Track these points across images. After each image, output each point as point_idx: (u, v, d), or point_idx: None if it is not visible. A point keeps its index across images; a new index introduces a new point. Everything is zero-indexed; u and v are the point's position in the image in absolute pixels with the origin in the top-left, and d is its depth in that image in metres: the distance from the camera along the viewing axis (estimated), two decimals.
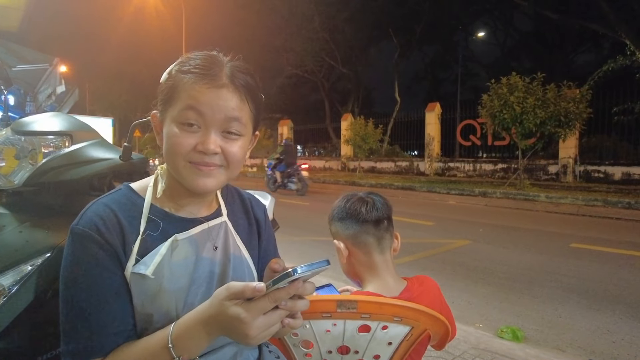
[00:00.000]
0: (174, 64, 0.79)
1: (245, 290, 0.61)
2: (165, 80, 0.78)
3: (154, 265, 0.73)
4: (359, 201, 1.15)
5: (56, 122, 1.14)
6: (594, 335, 2.88)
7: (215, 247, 0.82)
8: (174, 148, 0.73)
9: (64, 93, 9.12)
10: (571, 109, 9.80)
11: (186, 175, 0.74)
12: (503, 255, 4.95)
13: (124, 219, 0.75)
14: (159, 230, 0.77)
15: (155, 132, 0.81)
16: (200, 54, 0.78)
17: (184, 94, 0.73)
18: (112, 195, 0.79)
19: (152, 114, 0.81)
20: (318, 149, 24.85)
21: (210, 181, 0.76)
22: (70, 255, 0.72)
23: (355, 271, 1.18)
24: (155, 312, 0.73)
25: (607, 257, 4.85)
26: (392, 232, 1.17)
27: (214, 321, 0.65)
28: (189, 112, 0.73)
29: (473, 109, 13.24)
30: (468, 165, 15.03)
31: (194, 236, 0.80)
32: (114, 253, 0.72)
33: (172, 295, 0.74)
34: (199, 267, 0.78)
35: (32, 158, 1.10)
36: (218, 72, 0.75)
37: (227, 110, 0.74)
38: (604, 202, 8.87)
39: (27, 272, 0.97)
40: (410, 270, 4.20)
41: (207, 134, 0.73)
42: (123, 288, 0.72)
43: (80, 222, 0.73)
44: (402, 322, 0.99)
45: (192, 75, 0.74)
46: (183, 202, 0.82)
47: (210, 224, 0.83)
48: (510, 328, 2.75)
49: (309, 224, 6.94)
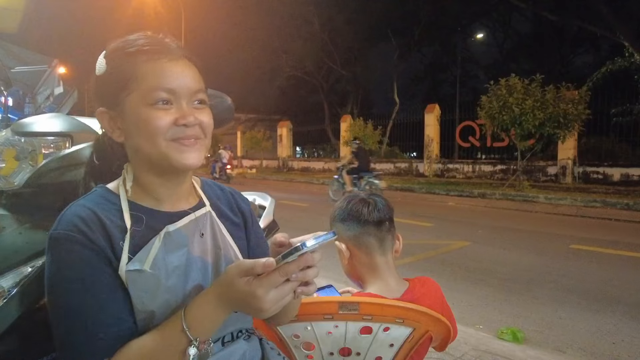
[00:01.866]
0: (103, 54, 0.75)
1: (255, 266, 0.62)
2: (106, 70, 0.73)
3: (149, 260, 0.71)
4: (361, 202, 1.14)
5: (56, 123, 1.14)
6: (594, 336, 2.88)
7: (202, 234, 0.80)
8: (154, 130, 0.70)
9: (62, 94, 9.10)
10: (570, 111, 9.82)
11: (171, 154, 0.72)
12: (502, 256, 4.95)
13: (105, 218, 0.71)
14: (144, 224, 0.74)
15: (109, 130, 0.76)
16: (138, 35, 0.75)
17: (147, 74, 0.71)
18: (88, 197, 0.76)
19: (100, 111, 0.75)
20: (317, 150, 24.88)
21: (195, 155, 0.74)
22: (56, 261, 0.68)
23: (356, 272, 1.18)
24: (156, 308, 0.71)
25: (606, 258, 4.85)
26: (394, 234, 1.17)
27: (227, 298, 0.65)
28: (159, 91, 0.70)
29: (472, 111, 13.25)
30: (467, 166, 15.04)
31: (184, 227, 0.77)
32: (100, 251, 0.69)
33: (171, 288, 0.72)
34: (192, 258, 0.77)
35: (32, 159, 1.10)
36: (168, 46, 0.74)
37: (192, 82, 0.74)
38: (603, 203, 8.88)
39: (27, 274, 0.96)
40: (410, 271, 4.19)
41: (182, 108, 0.72)
42: (117, 285, 0.69)
43: (59, 226, 0.70)
44: (404, 323, 0.99)
45: (146, 55, 0.72)
46: (160, 195, 0.78)
47: (197, 214, 0.81)
48: (510, 329, 2.75)
49: (310, 225, 6.93)
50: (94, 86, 0.76)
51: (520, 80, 10.19)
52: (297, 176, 17.68)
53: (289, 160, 22.19)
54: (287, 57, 23.79)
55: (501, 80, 10.39)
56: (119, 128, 0.75)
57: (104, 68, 0.74)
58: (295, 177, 17.20)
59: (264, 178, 18.30)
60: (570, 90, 10.18)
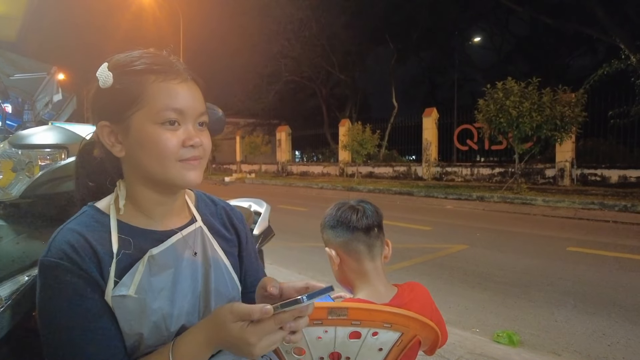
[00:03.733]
0: (108, 66, 0.74)
1: (252, 313, 0.63)
2: (112, 85, 0.72)
3: (134, 285, 0.71)
4: (350, 209, 1.17)
5: (52, 136, 1.17)
6: (589, 339, 2.89)
7: (195, 253, 0.81)
8: (163, 150, 0.71)
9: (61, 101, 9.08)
10: (567, 113, 9.86)
11: (177, 173, 0.73)
12: (500, 259, 4.97)
13: (95, 242, 0.71)
14: (132, 247, 0.74)
15: (109, 144, 0.75)
16: (144, 52, 0.76)
17: (158, 94, 0.72)
18: (78, 219, 0.75)
19: (102, 124, 0.75)
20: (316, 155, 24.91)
21: (198, 174, 0.75)
22: (46, 289, 0.69)
23: (346, 278, 1.20)
24: (144, 330, 0.72)
25: (603, 260, 4.87)
26: (383, 240, 1.19)
27: (217, 339, 0.67)
28: (169, 111, 0.71)
29: (470, 114, 13.30)
30: (465, 169, 15.07)
31: (170, 247, 0.77)
32: (90, 279, 0.69)
33: (157, 310, 0.73)
34: (180, 277, 0.77)
35: (29, 170, 1.12)
36: (176, 67, 0.75)
37: (198, 104, 0.76)
38: (600, 206, 8.90)
39: (24, 283, 0.99)
40: (408, 275, 4.21)
41: (188, 129, 0.74)
42: (106, 313, 0.70)
43: (49, 254, 0.69)
44: (392, 328, 1.01)
45: (156, 74, 0.73)
46: (153, 213, 0.79)
47: (184, 232, 0.81)
48: (506, 332, 2.76)
49: (306, 229, 6.95)
50: (94, 97, 0.76)
51: (517, 83, 10.23)
52: (296, 180, 17.70)
53: (288, 164, 22.22)
54: (286, 62, 23.89)
55: (498, 83, 10.44)
56: (119, 143, 0.75)
57: (110, 82, 0.72)
58: (294, 182, 17.23)
59: (263, 183, 18.32)
60: (567, 92, 10.23)
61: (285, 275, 4.05)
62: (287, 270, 4.25)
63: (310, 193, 13.88)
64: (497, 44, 27.78)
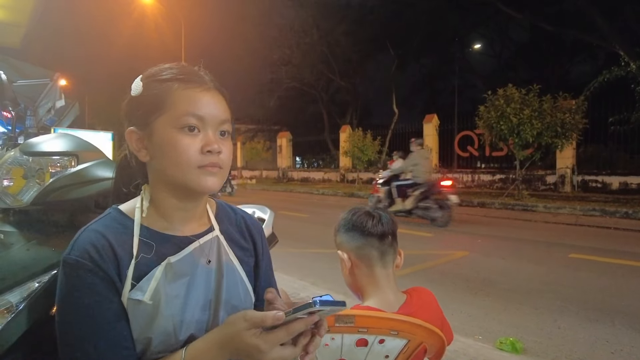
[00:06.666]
0: (141, 77, 0.79)
1: (265, 319, 0.64)
2: (141, 93, 0.77)
3: (150, 291, 0.73)
4: (366, 215, 1.18)
5: (63, 143, 1.18)
6: (593, 346, 2.89)
7: (209, 261, 0.82)
8: (181, 155, 0.73)
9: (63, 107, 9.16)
10: (567, 120, 9.89)
11: (195, 178, 0.74)
12: (502, 266, 4.97)
13: (116, 244, 0.74)
14: (153, 251, 0.76)
15: (135, 149, 0.78)
16: (173, 64, 0.80)
17: (179, 100, 0.74)
18: (101, 220, 0.78)
19: (130, 130, 0.78)
20: (317, 161, 24.95)
21: (216, 180, 0.76)
22: (66, 286, 0.71)
23: (357, 284, 1.21)
24: (154, 335, 0.73)
25: (605, 267, 4.86)
26: (396, 248, 1.20)
27: (229, 347, 0.67)
28: (188, 117, 0.73)
29: (471, 120, 13.33)
30: (466, 176, 15.08)
31: (188, 255, 0.79)
32: (109, 280, 0.71)
33: (169, 317, 0.74)
34: (194, 285, 0.78)
35: (39, 177, 1.14)
36: (201, 77, 0.78)
37: (220, 112, 0.77)
38: (602, 212, 8.90)
39: (34, 289, 0.99)
40: (411, 282, 4.20)
41: (208, 135, 0.75)
42: (122, 314, 0.72)
43: (72, 252, 0.72)
44: (398, 335, 1.02)
45: (180, 82, 0.76)
46: (173, 218, 0.80)
47: (202, 241, 0.82)
48: (509, 340, 2.76)
49: (307, 235, 6.95)
50: (126, 106, 0.80)
51: (518, 90, 10.27)
52: (296, 186, 17.71)
53: (288, 170, 22.24)
54: (287, 69, 24.01)
55: (499, 90, 10.48)
56: (145, 148, 0.77)
57: (140, 90, 0.77)
58: (295, 188, 17.23)
59: (263, 189, 18.33)
60: (567, 99, 10.27)
61: (287, 282, 4.05)
62: (288, 276, 4.24)
63: (311, 199, 13.88)
64: (498, 50, 27.91)
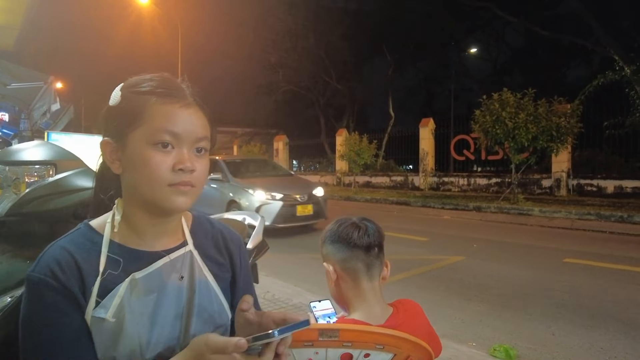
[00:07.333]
0: (120, 87, 0.77)
1: (227, 346, 0.62)
2: (119, 103, 0.75)
3: (113, 308, 0.70)
4: (352, 226, 1.15)
5: (40, 152, 1.14)
6: (587, 353, 2.87)
7: (182, 277, 0.79)
8: (151, 172, 0.71)
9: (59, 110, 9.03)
10: (562, 124, 9.91)
11: (165, 197, 0.72)
12: (497, 271, 4.95)
13: (81, 261, 0.72)
14: (120, 268, 0.74)
15: (109, 160, 0.76)
16: (155, 76, 0.77)
17: (155, 115, 0.72)
18: (70, 236, 0.76)
19: (105, 141, 0.76)
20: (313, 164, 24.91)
21: (186, 200, 0.74)
22: (28, 303, 0.69)
23: (342, 296, 1.18)
24: (118, 355, 0.70)
25: (600, 272, 4.85)
26: (383, 260, 1.17)
27: None
28: (163, 133, 0.71)
29: (467, 124, 13.35)
30: (462, 179, 15.09)
31: (156, 271, 0.76)
32: (72, 297, 0.69)
33: (134, 336, 0.71)
34: (163, 302, 0.76)
35: (15, 187, 1.10)
36: (182, 92, 0.75)
37: (197, 129, 0.75)
38: (597, 216, 8.91)
39: (7, 304, 0.96)
40: (405, 287, 4.18)
41: (182, 153, 0.73)
42: (85, 333, 0.70)
43: (36, 269, 0.70)
44: (384, 349, 0.99)
45: (158, 97, 0.73)
46: (145, 233, 0.78)
47: (172, 256, 0.79)
48: (503, 347, 2.74)
49: (302, 241, 6.92)
50: (103, 115, 0.77)
51: (513, 95, 10.29)
52: None
53: None
54: (283, 72, 24.06)
55: (494, 94, 10.50)
56: (118, 160, 0.75)
57: (118, 100, 0.75)
58: None
59: None
60: (562, 103, 10.29)
61: (281, 288, 4.02)
62: (283, 282, 4.21)
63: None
64: (494, 54, 28.03)
